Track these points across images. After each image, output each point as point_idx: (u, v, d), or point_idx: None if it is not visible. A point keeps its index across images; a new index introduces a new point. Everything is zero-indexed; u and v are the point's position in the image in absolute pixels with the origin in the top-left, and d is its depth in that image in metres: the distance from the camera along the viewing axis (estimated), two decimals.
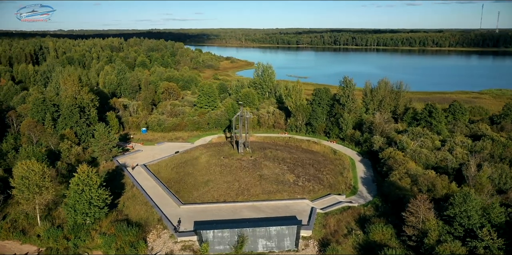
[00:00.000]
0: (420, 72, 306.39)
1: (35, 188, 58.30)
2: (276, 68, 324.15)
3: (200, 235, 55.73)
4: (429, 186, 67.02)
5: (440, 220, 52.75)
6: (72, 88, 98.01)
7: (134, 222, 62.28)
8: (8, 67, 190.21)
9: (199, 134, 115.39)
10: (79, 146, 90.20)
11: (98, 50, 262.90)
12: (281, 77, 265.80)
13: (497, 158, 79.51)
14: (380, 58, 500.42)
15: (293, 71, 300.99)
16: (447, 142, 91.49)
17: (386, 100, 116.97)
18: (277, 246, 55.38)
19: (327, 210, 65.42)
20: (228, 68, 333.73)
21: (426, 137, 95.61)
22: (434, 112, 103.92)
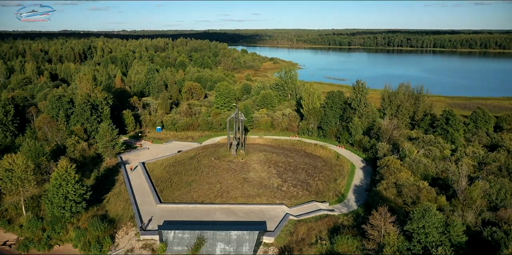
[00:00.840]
0: (473, 76, 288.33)
1: (18, 180, 61.93)
2: (317, 69, 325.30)
3: (161, 234, 56.42)
4: (413, 198, 63.24)
5: (403, 235, 49.60)
6: (86, 86, 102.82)
7: (110, 218, 64.41)
8: (52, 65, 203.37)
9: (210, 134, 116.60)
10: (87, 142, 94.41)
11: (141, 50, 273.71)
12: (319, 79, 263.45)
13: (505, 171, 73.29)
14: (433, 61, 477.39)
15: (332, 73, 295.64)
16: (457, 152, 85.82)
17: (404, 105, 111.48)
18: (235, 250, 54.77)
19: (302, 217, 63.65)
20: (269, 69, 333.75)
21: (437, 145, 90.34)
22: (451, 119, 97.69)
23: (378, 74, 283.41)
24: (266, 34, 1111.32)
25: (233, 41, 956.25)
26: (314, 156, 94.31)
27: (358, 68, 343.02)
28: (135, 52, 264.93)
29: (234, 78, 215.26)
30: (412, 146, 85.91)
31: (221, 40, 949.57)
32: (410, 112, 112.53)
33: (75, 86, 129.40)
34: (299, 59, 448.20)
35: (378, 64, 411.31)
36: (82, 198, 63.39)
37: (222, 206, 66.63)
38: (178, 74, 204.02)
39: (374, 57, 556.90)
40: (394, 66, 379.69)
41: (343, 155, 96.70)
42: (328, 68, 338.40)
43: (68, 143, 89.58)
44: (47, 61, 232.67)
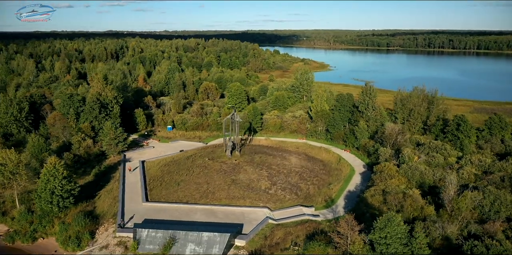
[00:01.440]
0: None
1: (9, 174, 64.88)
2: (348, 71, 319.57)
3: (136, 233, 57.36)
4: (397, 206, 60.86)
5: (369, 245, 47.88)
6: (97, 86, 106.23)
7: (95, 214, 66.30)
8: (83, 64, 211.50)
9: (219, 134, 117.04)
10: (94, 139, 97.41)
11: (171, 51, 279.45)
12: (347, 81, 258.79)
13: (508, 181, 69.12)
14: (475, 63, 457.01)
15: (361, 75, 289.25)
16: (462, 160, 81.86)
17: (416, 109, 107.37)
18: (205, 252, 54.77)
19: (282, 221, 62.85)
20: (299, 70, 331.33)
21: (442, 152, 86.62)
22: (462, 125, 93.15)
23: (411, 77, 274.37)
24: (304, 35, 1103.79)
25: (270, 41, 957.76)
26: (315, 159, 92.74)
27: (391, 70, 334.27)
28: (164, 52, 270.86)
29: (257, 79, 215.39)
30: (412, 152, 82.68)
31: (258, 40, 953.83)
32: (423, 117, 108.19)
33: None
34: (332, 60, 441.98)
35: (415, 66, 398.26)
36: (69, 193, 65.50)
37: (205, 207, 66.89)
38: (202, 75, 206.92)
39: (412, 59, 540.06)
40: (432, 68, 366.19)
41: (346, 159, 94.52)
42: (359, 70, 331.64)
43: (74, 139, 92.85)
44: (80, 60, 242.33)
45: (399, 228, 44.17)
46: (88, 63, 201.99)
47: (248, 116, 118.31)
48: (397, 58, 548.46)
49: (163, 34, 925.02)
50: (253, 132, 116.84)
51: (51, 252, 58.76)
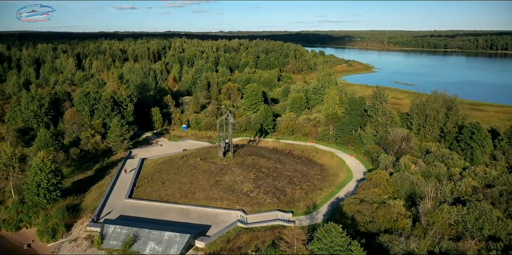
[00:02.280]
0: None
1: (2, 166, 69.28)
2: (392, 73, 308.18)
3: (103, 228, 59.08)
4: (370, 217, 57.89)
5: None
6: (112, 84, 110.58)
7: (79, 208, 69.12)
8: (122, 64, 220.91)
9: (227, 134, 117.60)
10: (102, 136, 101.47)
11: (211, 51, 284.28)
12: (387, 83, 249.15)
13: (506, 196, 63.56)
14: None
15: (405, 77, 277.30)
16: (466, 170, 76.28)
17: (432, 115, 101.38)
18: (163, 251, 55.25)
19: (252, 225, 61.93)
20: (340, 71, 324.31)
21: (448, 161, 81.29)
22: (476, 134, 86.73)
23: (460, 80, 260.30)
24: (358, 36, 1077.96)
25: (322, 42, 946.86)
26: (315, 164, 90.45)
27: (440, 74, 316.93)
28: (204, 52, 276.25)
29: (290, 80, 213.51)
30: (410, 160, 78.20)
31: (311, 41, 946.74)
32: (440, 123, 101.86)
33: None
34: (380, 62, 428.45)
35: (470, 69, 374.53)
36: (55, 187, 68.61)
37: (182, 206, 67.49)
38: (234, 75, 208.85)
39: (470, 61, 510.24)
40: (489, 72, 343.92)
41: (348, 165, 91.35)
42: (404, 72, 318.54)
43: (83, 135, 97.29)
44: (123, 60, 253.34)
45: (338, 239, 41.91)
46: (128, 63, 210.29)
47: (259, 117, 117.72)
48: (452, 61, 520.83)
49: (218, 35, 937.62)
50: (265, 133, 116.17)
51: (30, 241, 61.90)
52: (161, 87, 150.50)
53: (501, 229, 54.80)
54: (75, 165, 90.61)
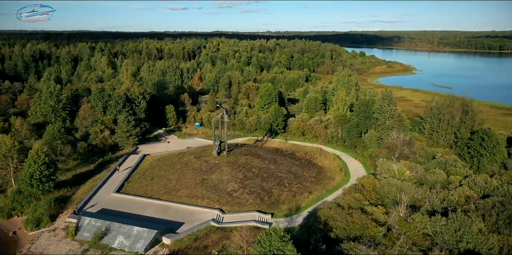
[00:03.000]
0: None
1: (2, 157, 73.40)
2: (432, 75, 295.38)
3: (79, 220, 61.07)
4: (341, 223, 55.78)
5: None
6: (126, 82, 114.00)
7: (69, 200, 71.87)
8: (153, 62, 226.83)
9: (239, 134, 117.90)
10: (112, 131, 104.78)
11: (244, 51, 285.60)
12: (424, 86, 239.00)
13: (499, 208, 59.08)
14: None
15: (444, 80, 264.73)
16: (466, 179, 71.71)
17: (445, 119, 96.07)
18: (130, 246, 56.21)
19: (225, 225, 61.64)
20: (378, 73, 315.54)
21: (450, 168, 76.85)
22: (486, 140, 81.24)
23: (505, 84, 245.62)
24: (409, 36, 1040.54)
25: (369, 43, 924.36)
26: (314, 166, 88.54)
27: (486, 77, 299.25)
28: (237, 52, 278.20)
29: (318, 81, 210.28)
30: (406, 166, 74.53)
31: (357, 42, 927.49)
32: (454, 128, 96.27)
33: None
34: (423, 63, 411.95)
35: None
36: (48, 178, 71.70)
37: (162, 202, 68.41)
38: (262, 75, 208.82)
39: None
40: None
41: (349, 168, 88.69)
42: (447, 74, 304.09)
43: (92, 130, 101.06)
44: (158, 59, 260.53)
45: (277, 243, 40.71)
46: (159, 62, 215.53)
47: (269, 117, 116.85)
48: (506, 63, 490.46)
49: (265, 35, 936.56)
50: (274, 134, 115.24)
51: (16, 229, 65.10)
52: (180, 86, 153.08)
53: (481, 243, 50.97)
54: (82, 158, 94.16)
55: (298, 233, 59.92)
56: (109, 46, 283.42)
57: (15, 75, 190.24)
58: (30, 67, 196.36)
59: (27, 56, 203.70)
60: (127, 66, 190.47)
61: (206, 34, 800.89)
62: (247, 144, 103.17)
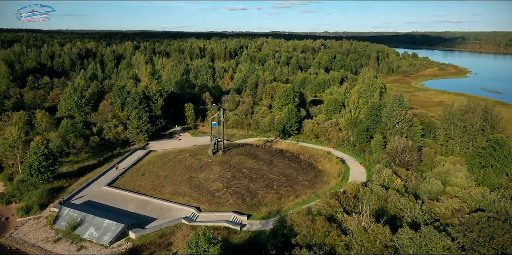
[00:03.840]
0: None
1: (8, 147, 78.78)
2: (486, 79, 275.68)
3: (60, 210, 64.12)
4: (305, 229, 53.97)
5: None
6: (145, 80, 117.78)
7: (63, 190, 75.66)
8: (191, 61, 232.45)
9: (252, 134, 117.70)
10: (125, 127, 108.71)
11: (285, 51, 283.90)
12: (472, 90, 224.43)
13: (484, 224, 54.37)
14: None
15: (497, 84, 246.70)
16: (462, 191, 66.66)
17: (462, 126, 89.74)
18: (98, 237, 58.13)
19: (196, 224, 61.90)
20: (427, 75, 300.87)
21: (451, 178, 71.83)
22: (497, 150, 74.98)
23: None
24: (475, 38, 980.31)
25: (428, 44, 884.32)
26: (313, 169, 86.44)
27: None
28: (278, 52, 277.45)
29: (354, 82, 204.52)
30: (392, 174, 70.63)
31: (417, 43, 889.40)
32: (471, 136, 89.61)
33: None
34: (481, 66, 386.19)
35: None
36: (46, 169, 75.88)
37: (145, 198, 70.00)
38: (295, 75, 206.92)
39: None
40: None
41: (350, 174, 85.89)
42: (502, 79, 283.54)
43: (106, 126, 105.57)
44: (199, 58, 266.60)
45: (204, 245, 40.24)
46: (197, 60, 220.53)
47: (283, 118, 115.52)
48: None
49: (321, 35, 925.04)
50: (288, 135, 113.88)
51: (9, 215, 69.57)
52: (204, 84, 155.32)
53: None
54: (93, 152, 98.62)
55: (266, 236, 58.87)
56: (156, 45, 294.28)
57: (62, 71, 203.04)
58: (76, 64, 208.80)
59: (73, 54, 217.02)
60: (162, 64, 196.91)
61: (262, 34, 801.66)
62: (248, 144, 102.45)
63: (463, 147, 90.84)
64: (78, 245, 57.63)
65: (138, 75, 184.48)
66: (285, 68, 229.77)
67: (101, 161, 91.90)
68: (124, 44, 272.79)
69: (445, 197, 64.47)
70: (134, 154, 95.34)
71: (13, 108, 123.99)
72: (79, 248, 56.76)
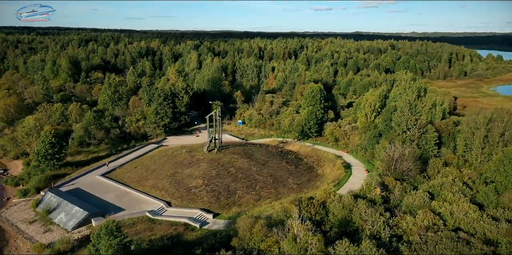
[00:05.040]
0: None
1: (24, 134, 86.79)
2: None
3: (45, 195, 69.31)
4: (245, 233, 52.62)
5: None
6: (172, 77, 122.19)
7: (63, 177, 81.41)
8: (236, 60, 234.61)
9: (272, 134, 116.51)
10: None
11: (344, 51, 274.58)
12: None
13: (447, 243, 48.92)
14: None
15: None
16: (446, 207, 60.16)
17: (482, 135, 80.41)
18: (65, 222, 61.92)
19: (159, 218, 63.37)
20: (505, 80, 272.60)
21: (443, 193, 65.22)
22: (506, 164, 66.32)
23: None
24: None
25: None
26: (310, 173, 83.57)
27: None
28: (338, 52, 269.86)
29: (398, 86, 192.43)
30: (376, 186, 65.44)
31: None
32: (492, 147, 79.90)
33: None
34: None
35: None
36: (52, 156, 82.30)
37: (126, 189, 73.05)
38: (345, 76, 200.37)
39: None
40: None
41: (350, 180, 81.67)
42: None
43: (128, 119, 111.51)
44: (258, 57, 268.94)
45: (100, 240, 41.17)
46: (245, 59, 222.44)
47: (302, 120, 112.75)
48: None
49: (408, 36, 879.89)
50: (306, 137, 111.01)
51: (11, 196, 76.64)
52: (240, 83, 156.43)
53: None
54: (113, 143, 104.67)
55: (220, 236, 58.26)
56: (215, 44, 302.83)
57: (123, 68, 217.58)
58: (136, 62, 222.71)
59: (135, 52, 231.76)
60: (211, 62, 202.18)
61: (343, 35, 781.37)
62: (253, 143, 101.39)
63: (483, 159, 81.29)
64: (47, 227, 61.96)
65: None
66: (341, 69, 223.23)
67: (112, 153, 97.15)
68: (185, 43, 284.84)
69: (422, 211, 58.43)
70: (145, 147, 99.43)
71: (61, 100, 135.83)
72: (46, 231, 61.00)
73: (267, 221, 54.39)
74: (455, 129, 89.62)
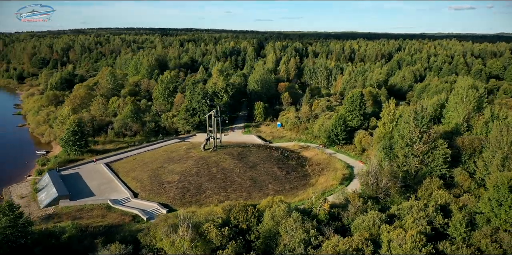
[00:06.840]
0: None
1: (59, 123, 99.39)
2: None
3: (44, 176, 79.00)
4: None
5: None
6: (214, 76, 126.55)
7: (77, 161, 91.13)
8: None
9: (301, 137, 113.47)
10: None
11: (447, 55, 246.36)
12: None
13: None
14: None
15: None
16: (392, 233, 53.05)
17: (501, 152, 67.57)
18: (42, 201, 69.91)
19: (117, 207, 67.52)
20: None
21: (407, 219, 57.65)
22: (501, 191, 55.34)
23: None
24: None
25: None
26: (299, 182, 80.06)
27: None
28: (435, 55, 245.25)
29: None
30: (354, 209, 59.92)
31: None
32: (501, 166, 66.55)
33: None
34: None
35: None
36: (74, 143, 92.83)
37: (113, 177, 78.86)
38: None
39: None
40: None
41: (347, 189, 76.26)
42: None
43: (165, 115, 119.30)
44: (348, 59, 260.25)
45: None
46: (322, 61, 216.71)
47: (329, 126, 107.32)
48: None
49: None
50: (333, 144, 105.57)
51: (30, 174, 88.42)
52: (292, 85, 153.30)
53: None
54: (146, 136, 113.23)
55: None
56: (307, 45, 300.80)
57: (208, 67, 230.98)
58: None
59: (219, 52, 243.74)
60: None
61: (480, 36, 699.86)
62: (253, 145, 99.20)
63: (482, 175, 68.31)
64: (29, 203, 70.87)
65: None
66: (429, 74, 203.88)
67: (134, 143, 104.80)
68: (273, 44, 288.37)
69: (357, 234, 52.01)
70: (166, 142, 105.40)
71: (129, 95, 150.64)
72: (26, 205, 69.77)
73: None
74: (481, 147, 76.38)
